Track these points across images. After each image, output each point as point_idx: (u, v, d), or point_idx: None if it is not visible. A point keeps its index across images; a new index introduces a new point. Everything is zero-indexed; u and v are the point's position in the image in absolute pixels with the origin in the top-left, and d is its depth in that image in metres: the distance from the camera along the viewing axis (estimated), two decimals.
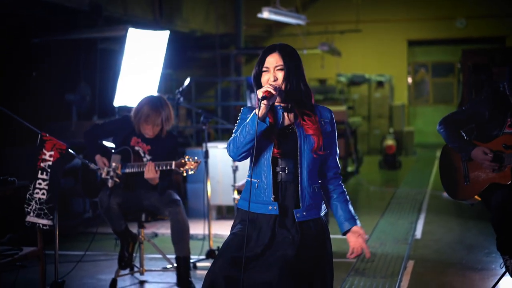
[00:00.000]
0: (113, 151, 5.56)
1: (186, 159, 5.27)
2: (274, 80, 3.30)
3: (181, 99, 6.08)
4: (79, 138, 6.58)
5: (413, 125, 19.09)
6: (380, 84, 17.05)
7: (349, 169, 12.72)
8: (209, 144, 7.99)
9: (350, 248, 3.46)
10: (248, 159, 3.42)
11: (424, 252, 6.68)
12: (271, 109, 3.36)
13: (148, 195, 5.52)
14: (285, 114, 3.39)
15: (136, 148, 5.54)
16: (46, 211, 4.88)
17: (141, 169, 5.38)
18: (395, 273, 5.89)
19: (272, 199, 3.35)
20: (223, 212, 8.57)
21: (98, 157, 5.49)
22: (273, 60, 3.32)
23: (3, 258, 4.93)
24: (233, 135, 3.38)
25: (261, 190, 3.37)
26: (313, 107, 3.41)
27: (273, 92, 3.21)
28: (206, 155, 6.03)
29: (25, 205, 4.86)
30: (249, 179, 3.41)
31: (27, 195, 4.87)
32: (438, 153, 16.10)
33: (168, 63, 13.39)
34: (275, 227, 3.34)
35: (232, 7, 14.74)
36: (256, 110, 3.23)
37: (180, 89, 6.07)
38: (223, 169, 8.08)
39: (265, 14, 10.40)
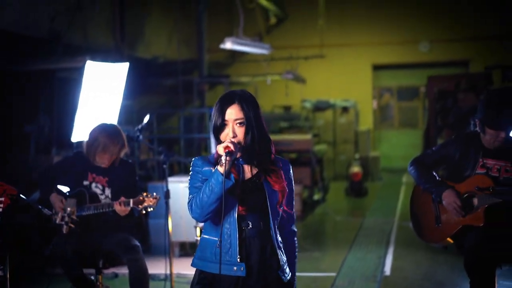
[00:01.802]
0: (67, 193, 5.29)
1: (145, 196, 5.04)
2: (234, 136, 3.11)
3: (141, 136, 5.83)
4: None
5: (378, 150, 19.02)
6: (345, 109, 16.97)
7: (316, 197, 12.53)
8: (172, 179, 7.74)
9: None
10: None
11: None
12: (234, 164, 3.17)
13: (106, 239, 5.25)
14: (246, 166, 3.21)
15: (93, 186, 5.29)
16: None
17: (99, 210, 5.13)
18: None
19: (238, 259, 3.13)
20: (186, 248, 8.29)
21: (54, 196, 5.21)
22: (232, 113, 3.14)
23: None
24: (190, 196, 3.19)
25: (224, 250, 3.17)
26: (274, 159, 3.25)
27: (233, 148, 3.03)
28: (167, 195, 5.77)
29: None
30: (205, 236, 3.22)
31: None
32: (404, 179, 16.17)
33: (129, 91, 13.16)
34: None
35: (195, 32, 14.53)
36: (219, 168, 3.04)
37: (140, 126, 5.83)
38: (186, 204, 7.80)
39: (228, 45, 10.20)
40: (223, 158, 3.02)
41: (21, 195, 4.70)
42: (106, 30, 11.61)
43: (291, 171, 3.32)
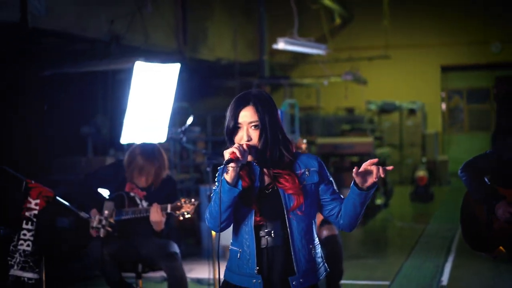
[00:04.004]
0: (107, 197, 5.20)
1: (183, 202, 4.89)
2: (248, 140, 2.92)
3: (184, 138, 5.71)
4: None
5: (447, 154, 18.47)
6: (412, 111, 16.54)
7: (378, 202, 12.20)
8: None
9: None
10: None
11: None
12: (249, 167, 2.97)
13: (146, 243, 5.13)
14: (263, 171, 3.00)
15: (132, 194, 5.18)
16: (31, 263, 4.52)
17: (137, 215, 5.01)
18: None
19: (255, 271, 2.94)
20: None
21: (94, 212, 5.12)
22: (247, 115, 2.93)
23: None
24: (211, 202, 2.99)
25: (244, 261, 2.99)
26: (293, 159, 3.01)
27: (238, 155, 2.82)
28: (210, 199, 5.60)
29: (9, 258, 4.52)
30: (231, 247, 3.07)
31: (11, 247, 4.52)
32: None
33: (191, 94, 13.13)
34: None
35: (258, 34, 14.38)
36: (225, 176, 2.86)
37: (183, 128, 5.70)
38: None
39: (281, 45, 9.99)
40: (229, 165, 2.83)
41: (58, 198, 4.63)
42: (167, 32, 11.58)
43: (319, 163, 3.05)
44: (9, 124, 8.38)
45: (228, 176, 2.84)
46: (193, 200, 4.93)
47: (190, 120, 5.78)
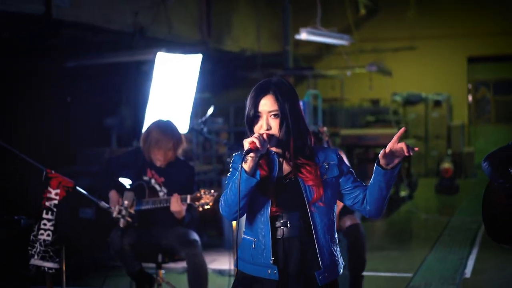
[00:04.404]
0: (128, 186, 5.21)
1: (202, 193, 4.87)
2: (268, 129, 2.89)
3: (205, 128, 5.69)
4: None
5: (473, 146, 18.27)
6: (437, 103, 16.39)
7: (402, 194, 12.11)
8: None
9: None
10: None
11: None
12: (267, 156, 2.94)
13: (165, 233, 5.13)
14: (283, 161, 2.96)
15: (152, 181, 5.18)
16: (51, 253, 4.55)
17: (157, 205, 5.01)
18: None
19: (271, 261, 2.91)
20: None
21: (112, 193, 5.13)
22: (267, 104, 2.90)
23: None
24: (226, 190, 2.97)
25: (259, 251, 2.95)
26: (312, 150, 2.98)
27: (258, 145, 2.78)
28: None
29: (29, 247, 4.55)
30: (244, 236, 3.03)
31: (31, 237, 4.55)
32: None
33: (215, 85, 13.12)
34: None
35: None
36: (244, 165, 2.81)
37: (203, 118, 5.69)
38: None
39: (303, 36, 9.93)
40: (249, 154, 2.79)
41: (78, 188, 4.65)
42: (191, 24, 11.58)
43: (339, 157, 3.01)
44: (33, 115, 8.43)
45: (247, 166, 2.81)
46: (212, 191, 4.91)
47: (210, 110, 5.77)
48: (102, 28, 9.12)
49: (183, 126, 7.76)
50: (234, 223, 5.89)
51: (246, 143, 2.80)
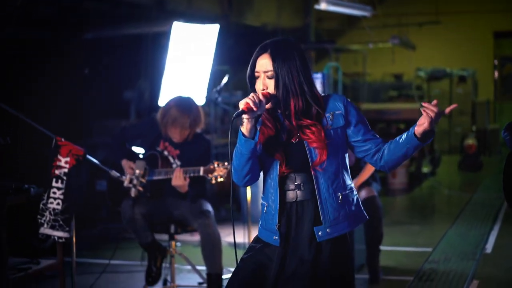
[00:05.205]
0: (140, 156, 5.13)
1: (216, 165, 4.76)
2: (264, 89, 2.77)
3: (219, 98, 5.57)
4: None
5: (499, 123, 17.99)
6: (462, 79, 16.12)
7: (424, 170, 11.94)
8: None
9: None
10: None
11: (492, 271, 5.93)
12: (272, 118, 2.82)
13: (178, 204, 5.04)
14: (287, 122, 2.83)
15: (165, 152, 5.08)
16: (61, 222, 4.47)
17: (169, 176, 4.91)
18: None
19: (276, 227, 2.81)
20: None
21: (124, 162, 5.05)
22: (263, 64, 2.79)
23: (17, 272, 4.56)
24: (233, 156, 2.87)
25: (269, 216, 2.87)
26: (320, 104, 2.82)
27: (252, 106, 2.65)
28: None
29: (39, 216, 4.47)
30: (261, 201, 2.95)
31: (41, 205, 4.47)
32: None
33: (235, 59, 12.97)
34: (282, 259, 2.83)
35: None
36: (241, 128, 2.71)
37: (218, 87, 5.57)
38: None
39: (323, 6, 9.74)
40: (243, 116, 2.68)
41: (88, 156, 4.56)
42: None
43: (345, 104, 2.85)
44: (50, 86, 8.37)
45: (244, 128, 2.71)
46: (226, 163, 4.79)
47: (225, 79, 5.65)
48: (122, 1, 9.03)
49: (200, 98, 7.66)
50: (249, 196, 5.80)
51: (241, 105, 2.69)
